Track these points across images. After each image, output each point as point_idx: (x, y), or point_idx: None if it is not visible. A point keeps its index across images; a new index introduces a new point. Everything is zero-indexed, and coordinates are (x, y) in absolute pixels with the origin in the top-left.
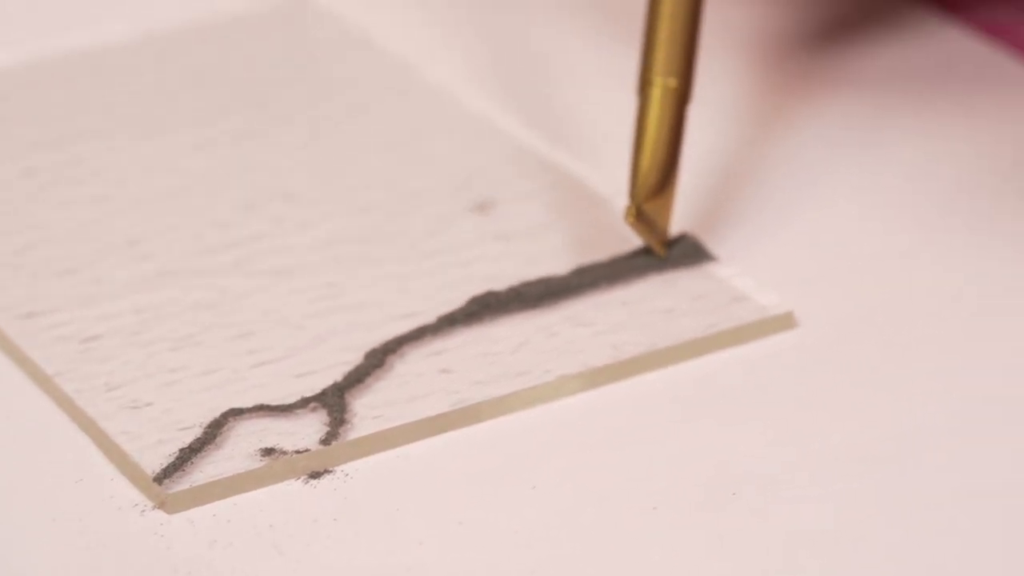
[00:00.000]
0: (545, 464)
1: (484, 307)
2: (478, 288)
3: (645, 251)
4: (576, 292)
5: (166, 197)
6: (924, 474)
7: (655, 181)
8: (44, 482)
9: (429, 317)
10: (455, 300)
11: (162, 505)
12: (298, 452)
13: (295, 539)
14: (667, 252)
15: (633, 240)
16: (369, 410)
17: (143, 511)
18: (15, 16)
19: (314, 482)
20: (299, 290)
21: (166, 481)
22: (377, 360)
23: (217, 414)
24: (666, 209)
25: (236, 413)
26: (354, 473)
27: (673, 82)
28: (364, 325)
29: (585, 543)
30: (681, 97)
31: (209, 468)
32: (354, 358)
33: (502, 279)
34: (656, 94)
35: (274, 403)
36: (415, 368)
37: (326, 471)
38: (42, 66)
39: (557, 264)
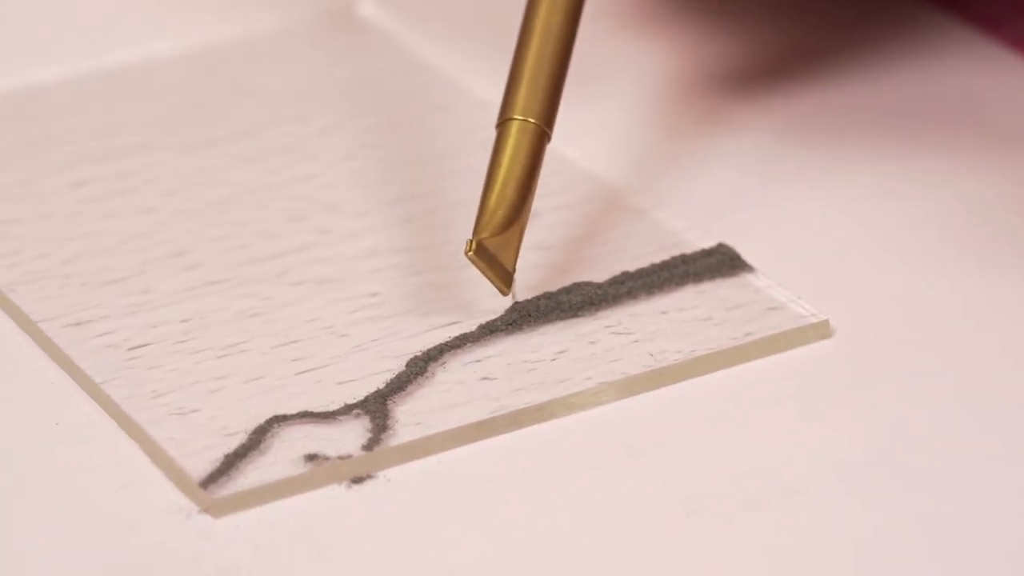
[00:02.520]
0: (583, 470)
1: (524, 316)
2: (518, 297)
3: (683, 261)
4: (614, 301)
5: (212, 208)
6: (963, 480)
7: (501, 218)
8: (92, 486)
9: (470, 326)
10: (496, 309)
11: (208, 509)
12: (341, 458)
13: (337, 543)
14: (511, 290)
15: (670, 250)
16: (411, 417)
17: (189, 515)
18: (65, 36)
19: (356, 487)
20: (342, 299)
21: (212, 486)
22: (419, 368)
23: (262, 420)
24: (511, 246)
25: (280, 419)
26: (396, 478)
27: (532, 121)
28: (406, 333)
29: (621, 548)
30: (539, 137)
31: (254, 473)
32: (396, 366)
33: (541, 288)
34: (513, 130)
35: (318, 410)
36: (456, 376)
37: (368, 476)
38: (90, 81)
39: (595, 274)
